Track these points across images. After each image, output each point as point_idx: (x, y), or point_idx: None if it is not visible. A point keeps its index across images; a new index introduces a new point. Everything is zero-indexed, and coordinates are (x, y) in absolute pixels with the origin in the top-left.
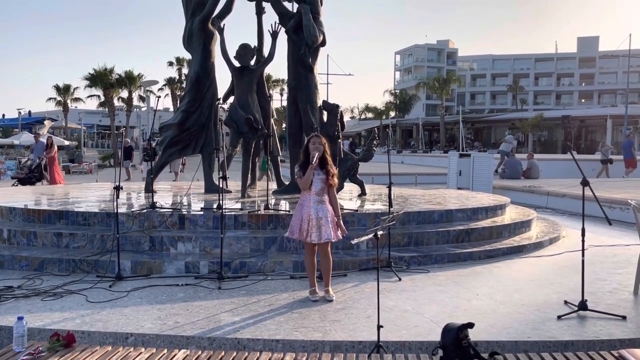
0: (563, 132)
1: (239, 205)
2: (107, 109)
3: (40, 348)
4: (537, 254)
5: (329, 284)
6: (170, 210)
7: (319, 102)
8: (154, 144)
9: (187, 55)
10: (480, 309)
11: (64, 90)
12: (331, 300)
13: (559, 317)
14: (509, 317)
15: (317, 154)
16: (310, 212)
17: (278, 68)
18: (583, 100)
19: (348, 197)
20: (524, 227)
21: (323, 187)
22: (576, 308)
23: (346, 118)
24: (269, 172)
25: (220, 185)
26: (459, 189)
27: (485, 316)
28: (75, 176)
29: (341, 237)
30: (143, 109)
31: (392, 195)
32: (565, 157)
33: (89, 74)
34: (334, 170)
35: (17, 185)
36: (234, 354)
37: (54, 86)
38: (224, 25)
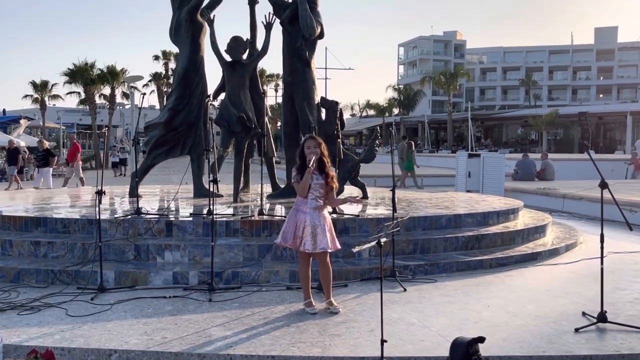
0: (580, 129)
1: (231, 211)
2: (88, 107)
3: None
4: (553, 261)
5: (330, 295)
6: (157, 216)
7: (317, 99)
8: (140, 145)
9: (175, 49)
10: (492, 322)
11: (41, 87)
12: (337, 313)
13: (577, 330)
14: (523, 330)
15: (314, 158)
16: (305, 218)
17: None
18: (601, 96)
19: (348, 202)
20: (539, 233)
21: (321, 193)
22: (595, 320)
23: (346, 116)
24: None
25: (211, 189)
26: (468, 191)
27: (497, 329)
28: (54, 180)
29: (339, 247)
30: (127, 107)
31: (396, 199)
32: (582, 156)
33: (68, 69)
34: (332, 172)
35: None
36: None
37: (31, 82)
38: (214, 16)
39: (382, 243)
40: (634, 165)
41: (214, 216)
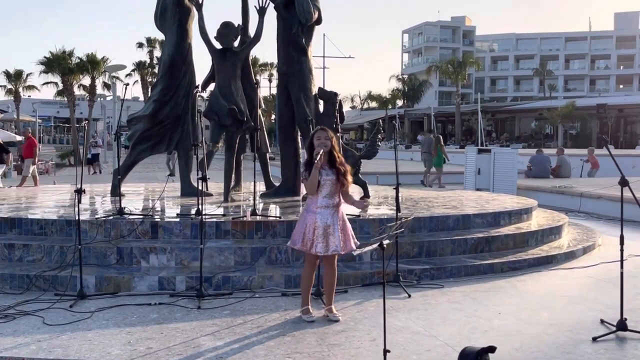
0: (598, 123)
1: (221, 211)
2: (65, 99)
3: None
4: (569, 265)
5: (332, 302)
6: (141, 216)
7: (314, 90)
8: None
9: (160, 35)
10: (503, 330)
11: (15, 77)
12: (336, 321)
13: (595, 339)
14: (537, 339)
15: (322, 151)
16: (315, 218)
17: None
18: (621, 86)
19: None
20: (554, 235)
21: (333, 190)
22: (614, 328)
23: (346, 108)
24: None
25: (200, 188)
26: (477, 190)
27: (508, 338)
28: (29, 177)
29: (354, 247)
30: (108, 99)
31: (400, 198)
32: (600, 152)
33: (45, 57)
34: (346, 167)
35: None
36: None
37: (4, 72)
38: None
39: (385, 245)
40: (590, 163)
41: (203, 217)
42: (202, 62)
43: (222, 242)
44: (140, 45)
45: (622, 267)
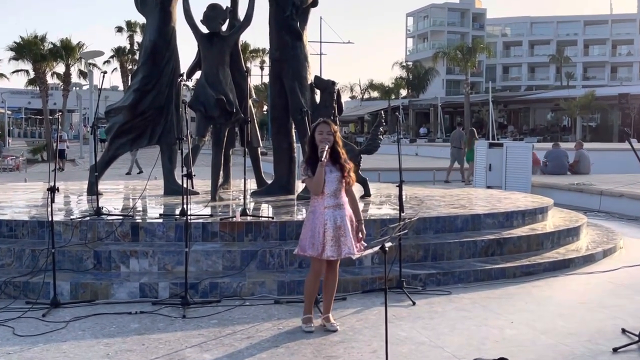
0: (620, 114)
1: (208, 211)
2: (38, 88)
3: None
4: (588, 269)
5: (330, 311)
6: (121, 217)
7: (310, 79)
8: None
9: (141, 19)
10: (516, 340)
11: None
12: (334, 331)
13: (615, 350)
14: (553, 350)
15: (327, 147)
16: (325, 220)
17: (258, 35)
18: None
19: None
20: (571, 236)
21: (338, 187)
22: (636, 338)
23: (345, 98)
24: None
25: (185, 186)
26: (488, 187)
27: (522, 349)
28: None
29: (364, 249)
30: (84, 88)
31: (404, 197)
32: (622, 146)
33: (14, 43)
34: (349, 165)
35: None
36: None
37: None
38: None
39: (387, 248)
40: (532, 160)
41: (189, 217)
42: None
43: (209, 245)
44: (120, 29)
45: None
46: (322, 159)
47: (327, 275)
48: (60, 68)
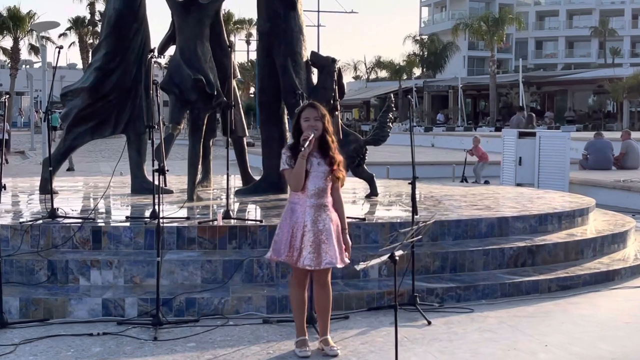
0: None
1: (184, 213)
2: None
3: None
4: (636, 282)
5: (327, 331)
6: (80, 220)
7: (306, 55)
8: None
9: None
10: None
11: None
12: (334, 355)
13: None
14: None
15: (312, 135)
16: (305, 221)
17: (243, 3)
18: None
19: (351, 199)
20: (617, 243)
21: (325, 185)
22: None
23: (348, 79)
24: None
25: (159, 183)
26: (518, 185)
27: None
28: None
29: (349, 261)
30: (36, 66)
31: (418, 196)
32: None
33: None
34: (339, 157)
35: None
36: None
37: None
38: None
39: (398, 258)
40: (477, 156)
41: (161, 220)
42: (158, 19)
43: (185, 253)
44: None
45: None
46: (304, 147)
47: (315, 291)
48: (7, 42)
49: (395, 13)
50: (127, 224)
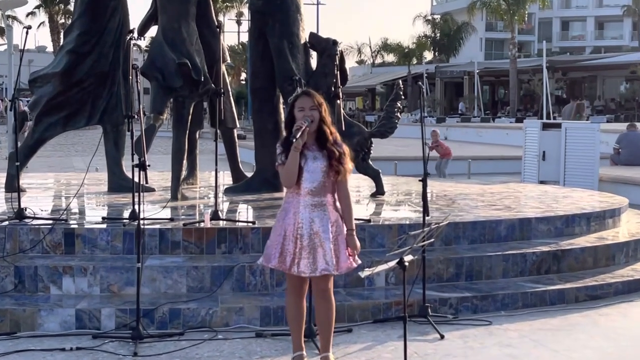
0: None
1: (168, 213)
2: None
3: None
4: None
5: (329, 347)
6: (51, 222)
7: (304, 36)
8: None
9: None
10: None
11: None
12: None
13: None
14: None
15: (304, 126)
16: (299, 221)
17: None
18: None
19: (354, 198)
20: None
21: (323, 182)
22: None
23: (351, 63)
24: None
25: (139, 180)
26: (541, 182)
27: None
28: None
29: (354, 266)
30: (1, 49)
31: (429, 195)
32: None
33: None
34: (343, 148)
35: None
36: None
37: None
38: None
39: (407, 263)
40: (438, 152)
41: (142, 222)
42: None
43: (169, 259)
44: None
45: None
46: (295, 139)
47: (316, 302)
48: None
49: None
50: (104, 225)
